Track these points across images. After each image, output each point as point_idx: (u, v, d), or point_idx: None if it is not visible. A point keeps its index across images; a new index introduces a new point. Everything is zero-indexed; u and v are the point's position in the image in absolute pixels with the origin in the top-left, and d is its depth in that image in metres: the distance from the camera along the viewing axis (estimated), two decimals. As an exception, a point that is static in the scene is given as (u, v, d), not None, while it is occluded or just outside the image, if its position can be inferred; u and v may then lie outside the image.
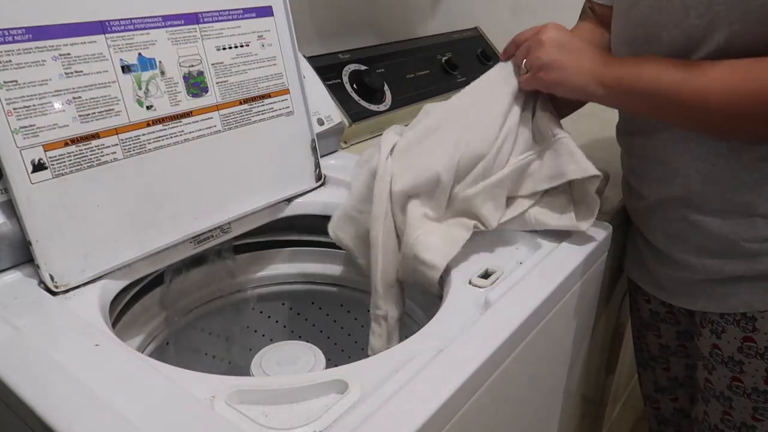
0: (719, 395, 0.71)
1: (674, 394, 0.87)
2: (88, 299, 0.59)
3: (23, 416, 0.46)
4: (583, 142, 0.70)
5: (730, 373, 0.68)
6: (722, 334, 0.68)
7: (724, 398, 0.70)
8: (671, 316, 0.80)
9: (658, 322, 0.82)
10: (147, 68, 0.64)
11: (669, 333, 0.81)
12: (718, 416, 0.72)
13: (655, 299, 0.79)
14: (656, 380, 0.88)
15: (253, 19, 0.74)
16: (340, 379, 0.47)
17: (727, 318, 0.67)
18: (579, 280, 0.65)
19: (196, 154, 0.69)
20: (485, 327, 0.53)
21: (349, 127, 0.99)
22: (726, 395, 0.70)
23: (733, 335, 0.67)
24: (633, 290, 0.85)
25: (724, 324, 0.67)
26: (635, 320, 0.87)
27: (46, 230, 0.58)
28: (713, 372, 0.70)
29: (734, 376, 0.68)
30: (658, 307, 0.80)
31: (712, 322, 0.69)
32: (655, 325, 0.82)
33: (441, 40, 1.34)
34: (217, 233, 0.74)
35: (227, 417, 0.44)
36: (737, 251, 0.64)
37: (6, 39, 0.54)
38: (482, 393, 0.50)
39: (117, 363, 0.49)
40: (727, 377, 0.69)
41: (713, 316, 0.68)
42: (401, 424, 0.42)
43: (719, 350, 0.69)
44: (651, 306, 0.81)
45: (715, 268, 0.66)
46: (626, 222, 0.79)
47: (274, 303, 0.90)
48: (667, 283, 0.73)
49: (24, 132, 0.56)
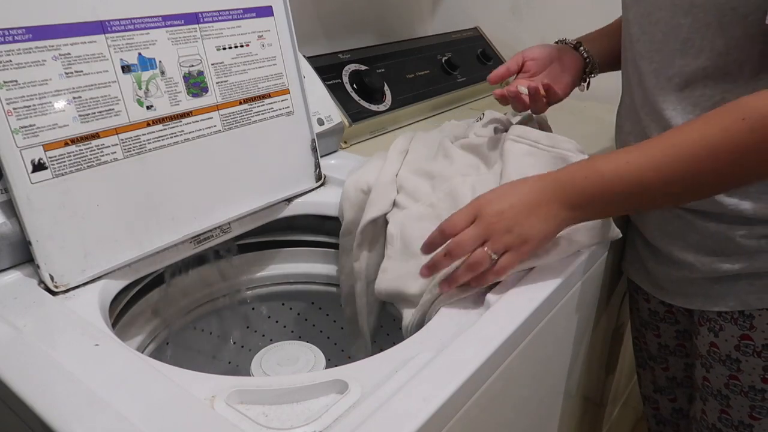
0: (717, 393, 0.71)
1: (673, 395, 0.87)
2: (88, 299, 0.59)
3: (23, 416, 0.46)
4: (582, 144, 0.70)
5: (727, 371, 0.68)
6: (720, 332, 0.68)
7: (722, 397, 0.70)
8: (670, 315, 0.80)
9: (658, 321, 0.82)
10: (147, 68, 0.64)
11: (668, 332, 0.81)
12: (716, 415, 0.72)
13: (655, 299, 0.79)
14: (655, 380, 0.88)
15: (253, 19, 0.74)
16: (340, 379, 0.47)
17: (725, 316, 0.67)
18: (579, 280, 0.65)
19: (196, 154, 0.69)
20: (485, 327, 0.53)
21: (349, 127, 0.99)
22: (724, 393, 0.70)
23: (731, 333, 0.67)
24: (633, 290, 0.85)
25: (722, 322, 0.67)
26: (635, 320, 0.87)
27: (46, 230, 0.58)
28: (711, 370, 0.70)
29: (732, 374, 0.68)
30: (657, 306, 0.81)
31: (710, 320, 0.69)
32: (655, 325, 0.82)
33: (441, 40, 1.34)
34: (217, 233, 0.74)
35: (227, 417, 0.44)
36: (734, 249, 0.64)
37: (6, 39, 0.54)
38: (482, 393, 0.50)
39: (117, 363, 0.49)
40: (724, 375, 0.69)
41: (711, 314, 0.68)
42: (401, 424, 0.42)
43: (717, 348, 0.69)
44: (650, 306, 0.82)
45: (712, 266, 0.66)
46: (625, 223, 0.79)
47: (274, 303, 0.89)
48: (665, 282, 0.73)
49: (24, 132, 0.56)
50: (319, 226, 0.86)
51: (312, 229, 0.86)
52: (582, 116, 0.77)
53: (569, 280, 0.62)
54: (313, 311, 0.91)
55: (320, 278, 0.88)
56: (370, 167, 0.78)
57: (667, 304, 0.78)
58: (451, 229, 0.56)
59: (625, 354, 1.09)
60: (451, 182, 0.71)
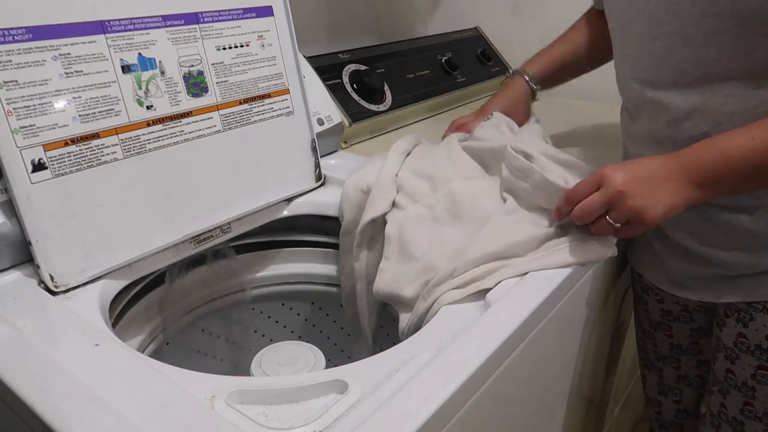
0: (742, 385, 0.71)
1: (679, 396, 0.87)
2: (88, 299, 0.59)
3: (23, 416, 0.46)
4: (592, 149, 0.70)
5: (755, 361, 0.68)
6: (750, 322, 0.68)
7: (747, 388, 0.70)
8: (686, 313, 0.80)
9: (671, 321, 0.82)
10: (147, 68, 0.64)
11: (682, 331, 0.81)
12: (738, 407, 0.72)
13: (670, 297, 0.79)
14: (662, 381, 0.88)
15: (253, 19, 0.74)
16: (340, 379, 0.47)
17: (756, 306, 0.67)
18: (579, 280, 0.65)
19: (196, 154, 0.69)
20: (485, 327, 0.53)
21: (349, 127, 0.99)
22: (750, 385, 0.70)
23: (762, 323, 0.67)
24: (641, 291, 0.85)
25: (752, 312, 0.67)
26: (642, 322, 0.87)
27: (46, 230, 0.58)
28: (737, 362, 0.70)
29: (760, 364, 0.68)
30: (671, 305, 0.80)
31: (738, 311, 0.69)
32: (667, 325, 0.82)
33: (441, 40, 1.34)
34: (217, 233, 0.73)
35: (227, 417, 0.44)
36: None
37: (6, 39, 0.54)
38: (482, 393, 0.50)
39: (117, 363, 0.49)
40: (752, 366, 0.69)
41: (740, 305, 0.68)
42: (401, 424, 0.42)
43: (745, 339, 0.69)
44: (664, 305, 0.81)
45: (751, 263, 0.66)
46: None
47: (274, 303, 0.89)
48: (689, 280, 0.73)
49: (24, 132, 0.56)
50: (319, 226, 0.86)
51: (312, 229, 0.86)
52: (592, 120, 0.78)
53: (569, 280, 0.62)
54: (314, 311, 0.91)
55: (320, 278, 0.88)
56: (370, 167, 0.79)
57: (683, 303, 0.78)
58: (575, 196, 0.60)
59: (626, 354, 1.09)
60: (450, 185, 0.71)
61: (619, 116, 0.77)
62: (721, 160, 0.57)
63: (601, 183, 0.58)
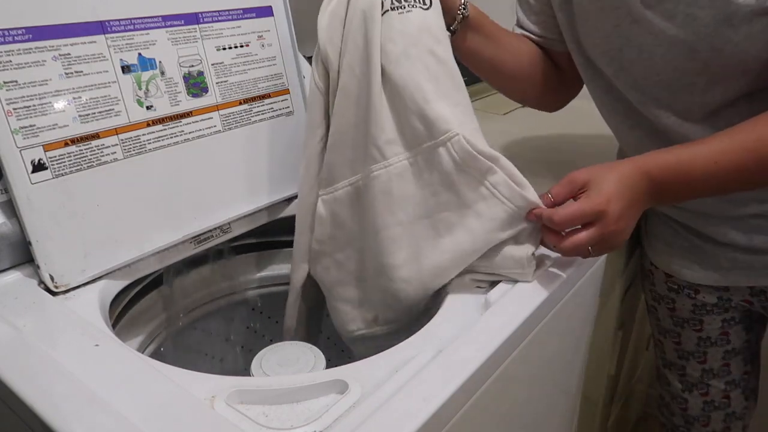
0: None
1: (706, 389, 0.88)
2: (88, 299, 0.59)
3: (23, 416, 0.46)
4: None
5: None
6: None
7: None
8: (720, 305, 0.81)
9: (702, 315, 0.83)
10: (147, 68, 0.64)
11: (713, 324, 0.83)
12: None
13: (706, 289, 0.80)
14: (685, 378, 0.89)
15: (253, 19, 0.74)
16: (340, 379, 0.47)
17: None
18: (579, 279, 0.65)
19: (196, 154, 0.69)
20: (485, 327, 0.53)
21: (349, 127, 0.99)
22: None
23: None
24: (668, 291, 0.85)
25: None
26: (664, 322, 0.88)
27: (46, 230, 0.58)
28: None
29: None
30: (707, 297, 0.81)
31: None
32: (698, 319, 0.83)
33: (441, 40, 1.33)
34: (217, 233, 0.73)
35: (227, 417, 0.44)
36: None
37: (6, 39, 0.54)
38: (482, 393, 0.50)
39: (117, 363, 0.49)
40: None
41: None
42: (401, 424, 0.42)
43: None
44: (696, 300, 0.82)
45: None
46: (670, 227, 0.79)
47: (274, 303, 0.89)
48: (742, 268, 0.74)
49: (24, 132, 0.56)
50: (319, 226, 0.85)
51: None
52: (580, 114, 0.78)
53: (569, 280, 0.62)
54: (314, 311, 0.91)
55: (320, 278, 0.88)
56: None
57: (719, 294, 0.80)
58: (562, 223, 0.55)
59: (626, 354, 1.09)
60: None
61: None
62: (684, 185, 0.58)
63: (598, 218, 0.54)
